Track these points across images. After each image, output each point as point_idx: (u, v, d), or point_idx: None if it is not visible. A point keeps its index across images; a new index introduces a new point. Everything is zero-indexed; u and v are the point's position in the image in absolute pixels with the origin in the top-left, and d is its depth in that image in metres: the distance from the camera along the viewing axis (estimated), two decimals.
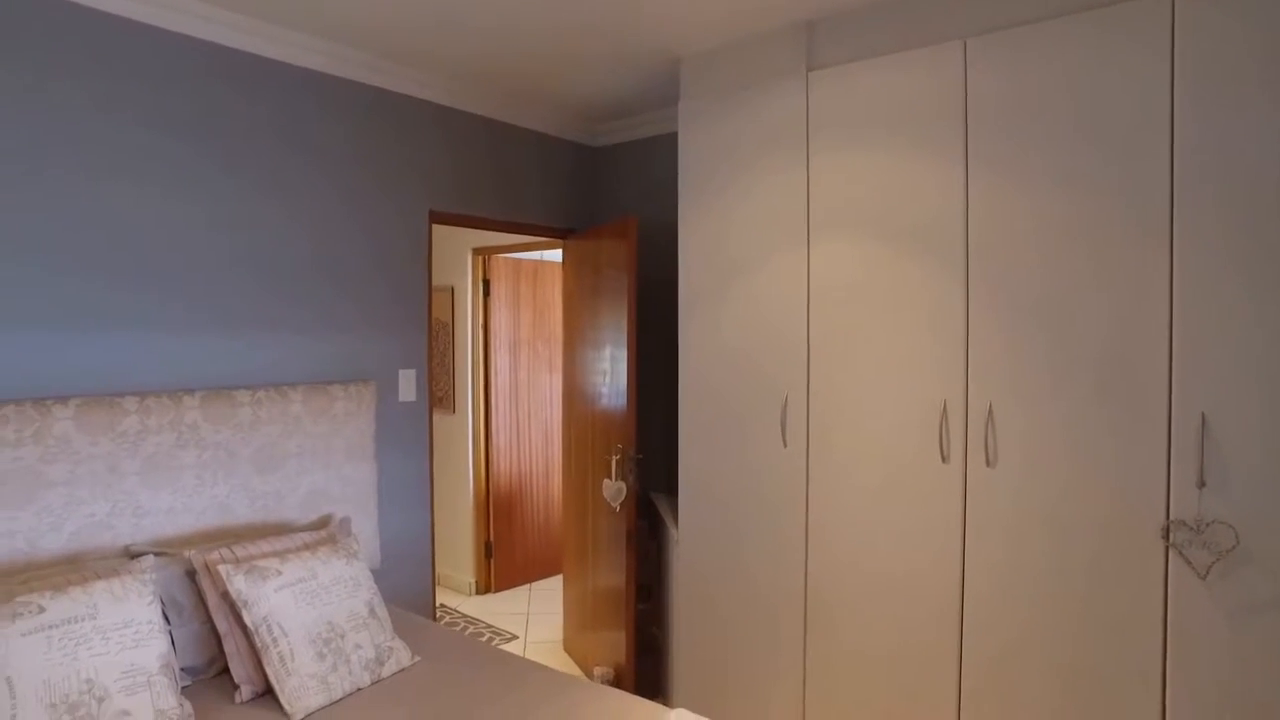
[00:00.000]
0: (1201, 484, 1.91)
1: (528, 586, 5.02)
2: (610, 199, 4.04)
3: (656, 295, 3.67)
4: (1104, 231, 2.05)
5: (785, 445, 2.69)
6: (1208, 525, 1.90)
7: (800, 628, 2.67)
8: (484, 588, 4.87)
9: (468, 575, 4.88)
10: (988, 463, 2.26)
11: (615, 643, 3.40)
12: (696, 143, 2.93)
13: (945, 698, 2.34)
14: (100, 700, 1.70)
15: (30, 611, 1.71)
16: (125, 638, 1.81)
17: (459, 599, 4.79)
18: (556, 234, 3.89)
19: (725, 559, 2.88)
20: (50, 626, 1.71)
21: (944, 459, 2.34)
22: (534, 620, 4.43)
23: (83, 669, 1.71)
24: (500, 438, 4.88)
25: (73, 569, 2.04)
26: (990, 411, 2.25)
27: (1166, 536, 1.96)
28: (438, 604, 4.08)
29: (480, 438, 4.82)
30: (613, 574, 3.42)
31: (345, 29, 2.70)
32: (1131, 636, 2.02)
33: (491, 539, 4.85)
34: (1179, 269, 1.94)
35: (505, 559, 4.91)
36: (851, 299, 2.53)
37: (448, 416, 4.89)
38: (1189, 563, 1.92)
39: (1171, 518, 1.95)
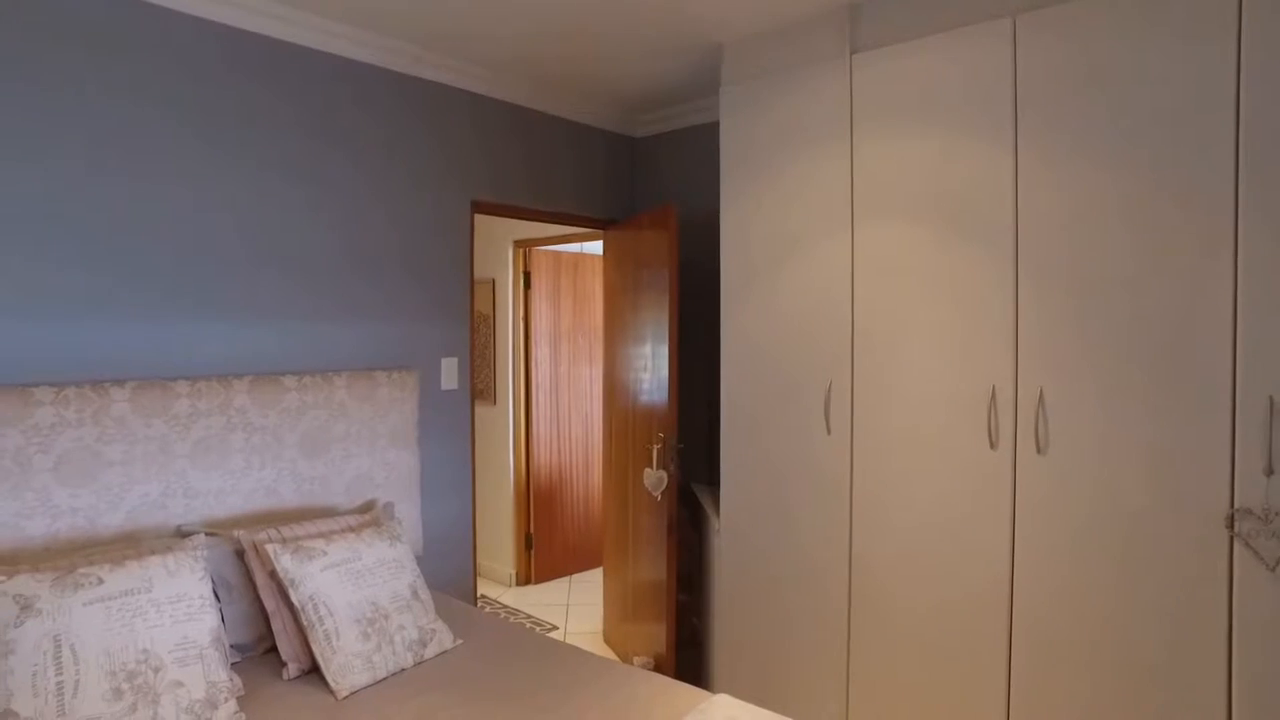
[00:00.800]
0: (1270, 471, 1.84)
1: (567, 579, 5.03)
2: (650, 190, 4.03)
3: (698, 286, 3.66)
4: (1164, 211, 1.99)
5: (829, 433, 2.66)
6: (1277, 514, 1.82)
7: (844, 617, 2.64)
8: (524, 579, 4.90)
9: (508, 566, 4.91)
10: (1038, 449, 2.20)
11: (655, 634, 3.39)
12: (738, 129, 2.91)
13: (994, 690, 2.29)
14: (156, 670, 1.74)
15: (90, 583, 1.76)
16: (178, 611, 1.85)
17: (499, 590, 4.82)
18: (597, 224, 3.89)
19: (767, 548, 2.85)
20: (109, 598, 1.76)
21: (992, 446, 2.29)
22: (573, 611, 4.44)
23: (139, 640, 1.75)
24: (540, 430, 4.90)
25: (129, 546, 2.09)
26: (1041, 397, 2.19)
27: (1231, 526, 1.89)
28: (478, 595, 4.11)
29: (520, 430, 4.85)
30: (653, 564, 3.41)
31: (383, 16, 2.73)
32: (1194, 630, 1.95)
33: (531, 530, 4.87)
34: (1244, 248, 1.87)
35: (545, 551, 4.93)
36: (896, 284, 2.49)
37: (488, 408, 4.93)
38: (1256, 554, 1.85)
39: (1236, 506, 1.88)
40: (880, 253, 2.53)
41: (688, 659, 3.50)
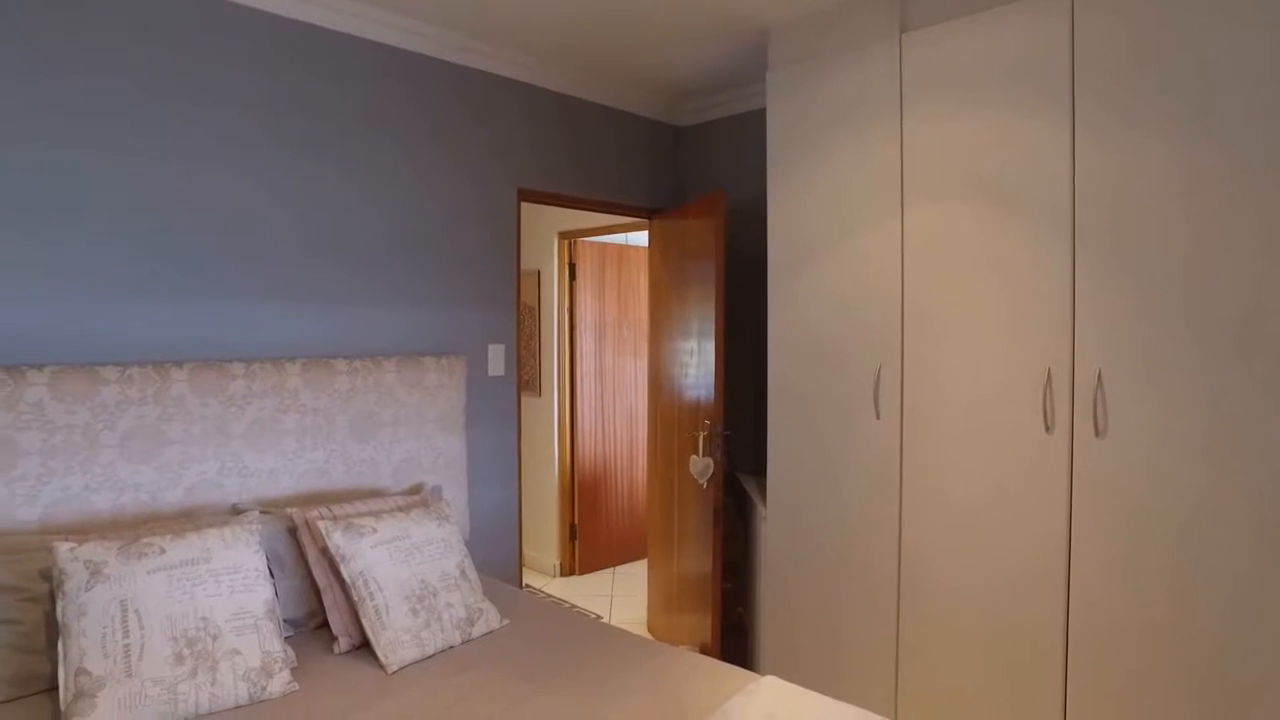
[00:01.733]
0: None
1: (611, 570, 5.04)
2: (696, 179, 4.02)
3: (744, 275, 3.64)
4: (1228, 186, 1.91)
5: (878, 417, 2.62)
6: None
7: (894, 604, 2.59)
8: (568, 570, 4.92)
9: (552, 557, 4.94)
10: (1096, 432, 2.14)
11: (700, 624, 3.38)
12: (785, 113, 2.89)
13: (1050, 677, 2.23)
14: (214, 638, 1.78)
15: (153, 552, 1.82)
16: (235, 582, 1.89)
17: (543, 580, 4.85)
18: (642, 213, 3.89)
19: (815, 535, 2.82)
20: (170, 567, 1.81)
21: (1048, 429, 2.23)
22: (617, 602, 4.45)
23: (199, 607, 1.80)
24: (585, 421, 4.92)
25: (188, 521, 2.15)
26: (1100, 378, 2.13)
27: None
28: (522, 584, 4.13)
29: (565, 421, 4.88)
30: (698, 553, 3.40)
31: (431, 4, 2.76)
32: (1257, 617, 1.87)
33: (576, 521, 4.89)
34: None
35: (589, 542, 4.95)
36: (947, 265, 2.45)
37: (533, 399, 4.96)
38: None
39: None
40: (931, 234, 2.48)
41: (733, 648, 3.48)
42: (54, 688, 1.77)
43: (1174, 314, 2.00)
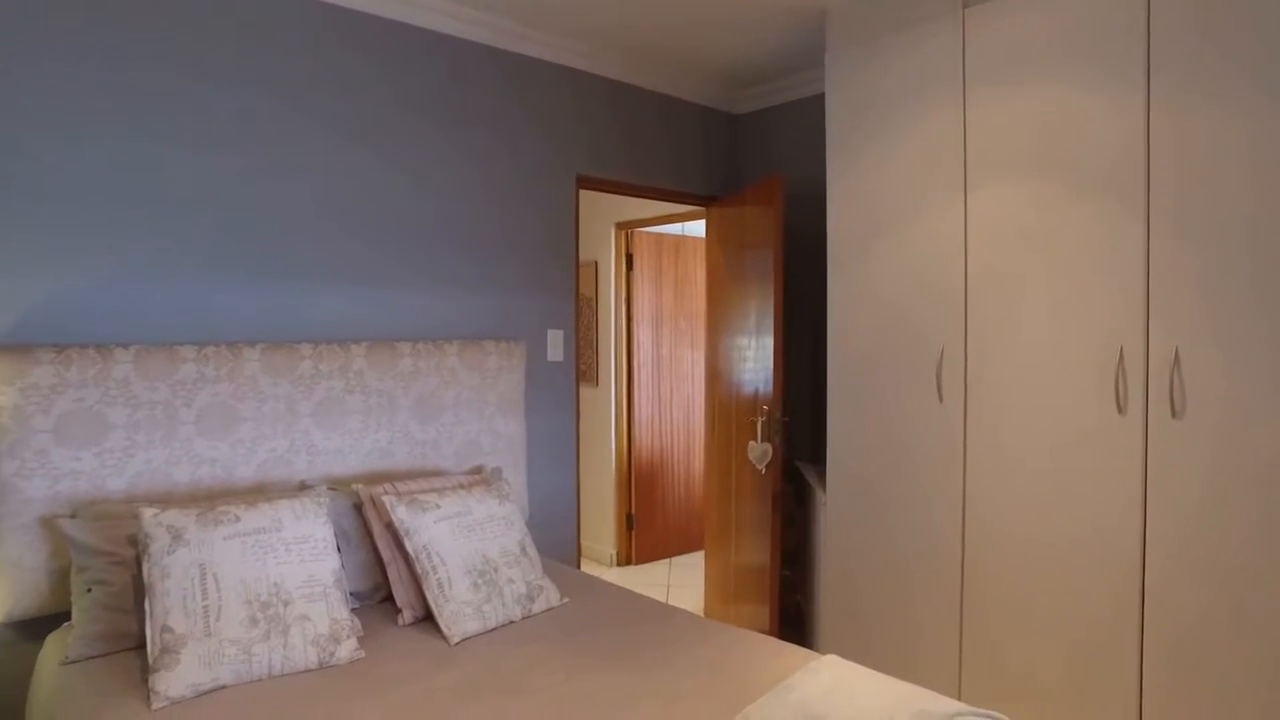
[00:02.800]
0: None
1: (668, 560, 5.05)
2: (753, 166, 4.00)
3: (802, 263, 3.61)
4: None
5: (940, 400, 2.57)
6: None
7: (956, 594, 2.54)
8: (624, 560, 4.94)
9: (609, 547, 4.96)
10: (1173, 414, 2.06)
11: (758, 614, 3.36)
12: (844, 95, 2.85)
13: (1124, 671, 2.15)
14: (286, 604, 1.84)
15: (229, 520, 1.89)
16: (305, 551, 1.95)
17: (599, 569, 4.88)
18: (699, 201, 3.89)
19: (875, 521, 2.78)
20: (244, 534, 1.88)
21: (1120, 410, 2.16)
22: (674, 592, 4.45)
23: (271, 574, 1.86)
24: (642, 412, 4.93)
25: (260, 495, 2.23)
26: (1176, 357, 2.05)
27: None
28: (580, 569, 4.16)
29: (622, 411, 4.90)
30: (757, 541, 3.38)
31: None
32: None
33: (633, 511, 4.91)
34: None
35: (646, 532, 4.96)
36: (1013, 243, 2.38)
37: (591, 389, 5.00)
38: None
39: None
40: (995, 214, 2.42)
41: (791, 637, 3.44)
42: (141, 645, 1.86)
43: (1255, 290, 1.92)
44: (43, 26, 2.10)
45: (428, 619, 2.16)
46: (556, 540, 3.29)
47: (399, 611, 2.17)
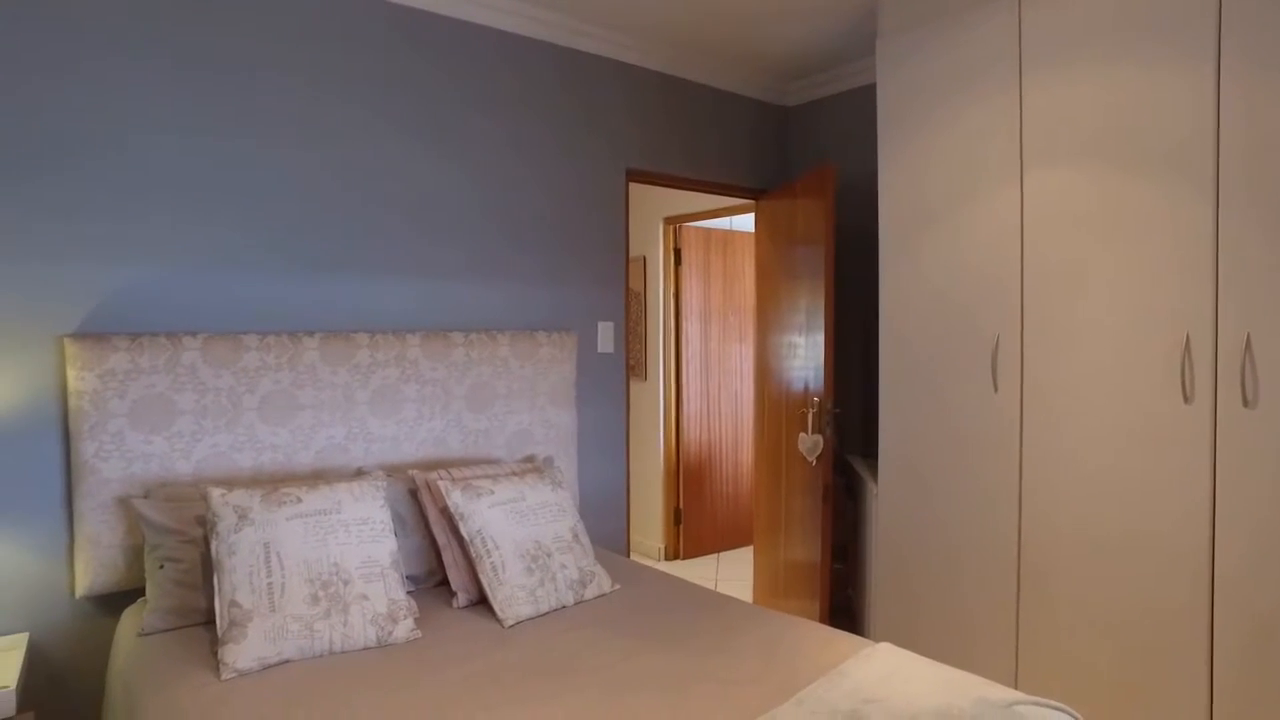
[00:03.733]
0: None
1: (715, 556, 5.04)
2: (802, 159, 3.97)
3: (852, 253, 3.57)
4: None
5: (995, 390, 2.52)
6: None
7: (1013, 588, 2.49)
8: (672, 554, 4.95)
9: (656, 541, 4.97)
10: (1245, 402, 1.99)
11: (808, 608, 3.34)
12: (896, 81, 2.81)
13: (1193, 670, 2.09)
14: (345, 583, 1.89)
15: (291, 501, 1.95)
16: (363, 533, 2.00)
17: (647, 563, 4.89)
18: (750, 194, 3.88)
19: (928, 512, 2.74)
20: (306, 515, 1.94)
21: (1186, 399, 2.09)
22: (722, 586, 4.44)
23: (331, 554, 1.91)
24: (690, 406, 4.93)
25: (320, 480, 2.29)
26: (1248, 343, 1.98)
27: None
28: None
29: (671, 406, 4.90)
30: (806, 535, 3.36)
31: None
32: None
33: (681, 506, 4.91)
34: None
35: (694, 527, 4.96)
36: (1071, 229, 2.33)
37: (639, 384, 5.01)
38: None
39: None
40: (1052, 199, 2.37)
41: (842, 629, 3.41)
42: (210, 620, 1.93)
43: None
44: (123, 25, 2.19)
45: (482, 602, 2.19)
46: (606, 532, 3.31)
47: (454, 595, 2.21)
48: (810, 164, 3.91)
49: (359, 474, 2.48)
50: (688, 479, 4.93)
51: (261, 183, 2.45)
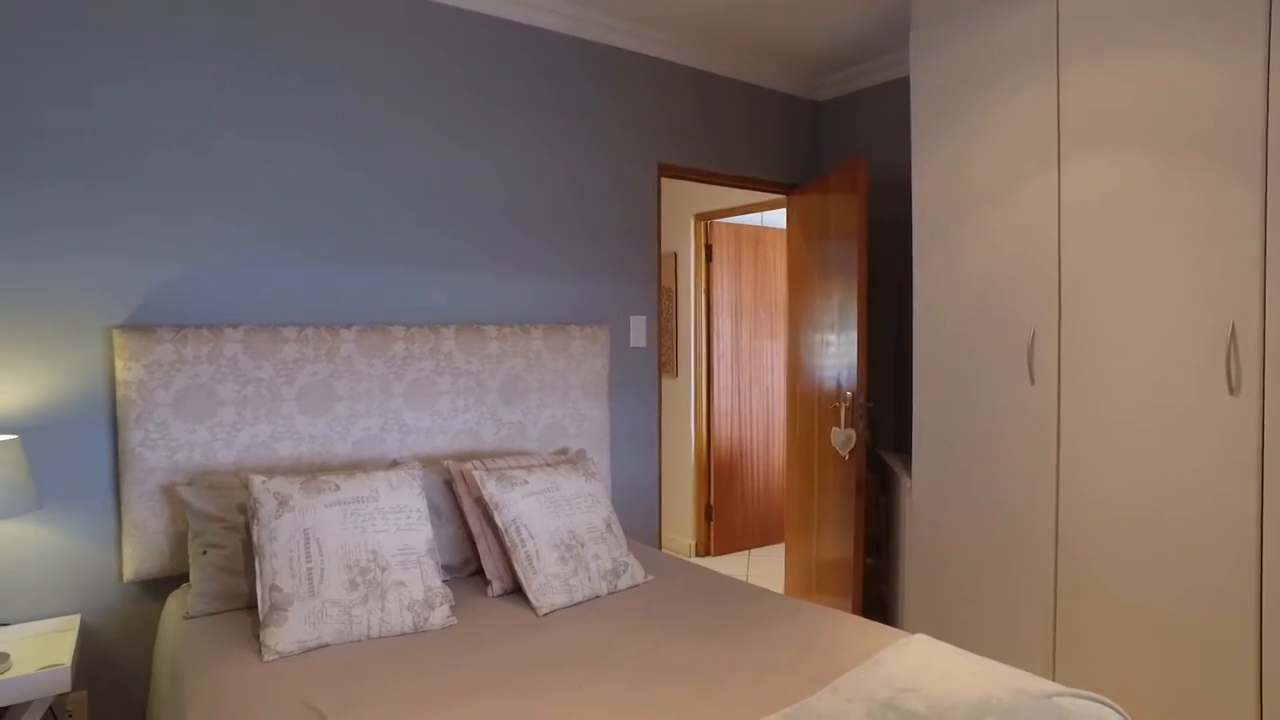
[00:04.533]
0: None
1: (746, 552, 5.02)
2: (834, 153, 3.95)
3: (885, 247, 3.54)
4: None
5: (1032, 382, 2.49)
6: None
7: (1050, 582, 2.45)
8: (703, 550, 4.94)
9: (687, 537, 4.97)
10: None
11: (840, 604, 3.32)
12: (929, 72, 2.79)
13: (1241, 665, 2.04)
14: (383, 569, 1.92)
15: (330, 489, 1.98)
16: (400, 520, 2.03)
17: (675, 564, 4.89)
18: (782, 188, 3.86)
19: (963, 506, 2.71)
20: (344, 503, 1.97)
21: (1232, 390, 2.05)
22: (753, 582, 4.41)
23: (369, 540, 1.94)
24: (721, 403, 4.93)
25: (357, 470, 2.33)
26: None
27: None
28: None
29: (702, 402, 4.90)
30: (839, 529, 3.34)
31: None
32: None
33: (712, 502, 4.91)
34: None
35: (725, 523, 4.95)
36: (1111, 218, 2.29)
37: (670, 380, 5.02)
38: None
39: None
40: (1091, 186, 2.33)
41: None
42: (252, 605, 1.98)
43: None
44: (165, 25, 2.24)
45: (516, 591, 2.21)
46: (638, 526, 3.32)
47: (488, 583, 2.23)
48: (842, 159, 3.88)
49: (394, 465, 2.53)
50: (719, 475, 4.92)
51: (303, 180, 2.50)
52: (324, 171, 2.54)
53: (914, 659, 1.65)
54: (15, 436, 1.89)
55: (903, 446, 3.53)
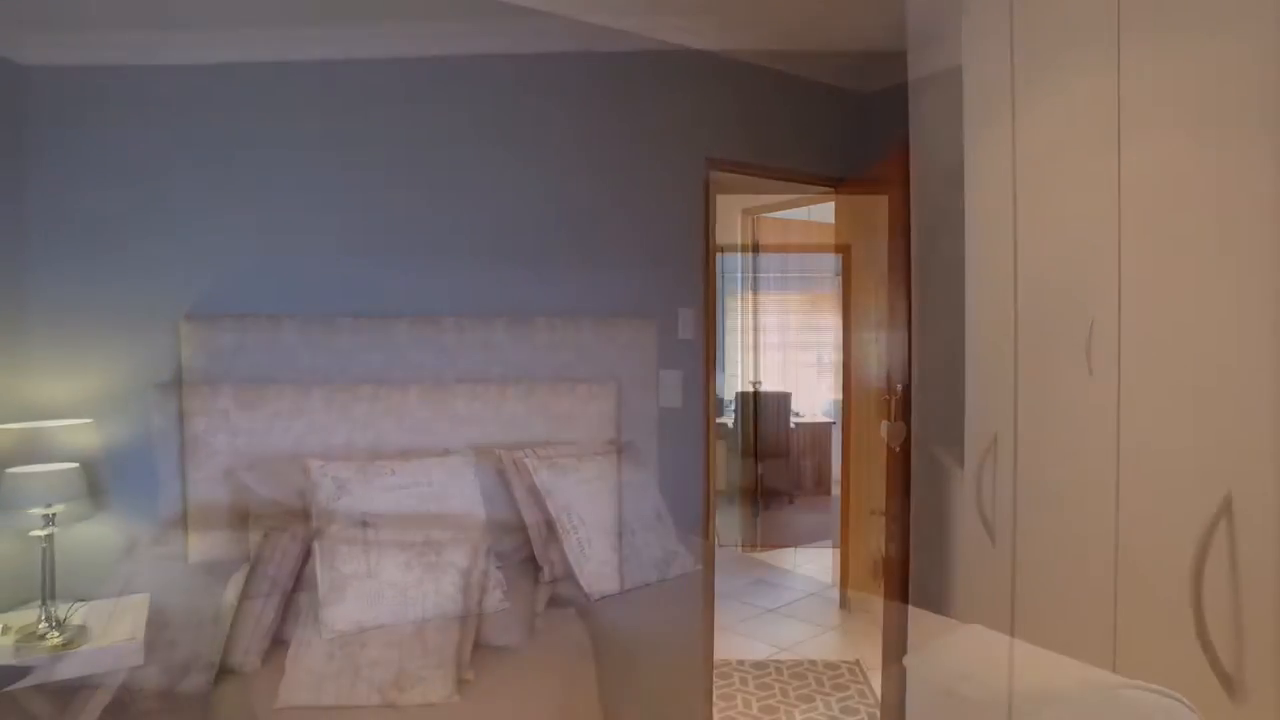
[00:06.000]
0: None
1: (794, 549, 4.99)
2: (883, 146, 3.90)
3: (934, 240, 3.49)
4: None
5: (1090, 373, 2.43)
6: None
7: (1110, 581, 2.39)
8: (750, 546, 4.92)
9: (735, 533, 4.95)
10: None
11: (891, 597, 3.27)
12: (982, 59, 2.74)
13: None
14: (437, 552, 1.96)
15: (385, 473, 2.03)
16: (454, 506, 2.07)
17: (725, 554, 4.88)
18: (831, 182, 3.84)
19: (1016, 499, 2.65)
20: (400, 487, 2.01)
21: None
22: (802, 576, 4.39)
23: (423, 524, 1.98)
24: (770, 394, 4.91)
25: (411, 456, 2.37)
26: None
27: None
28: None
29: (749, 397, 4.88)
30: (889, 524, 3.30)
31: None
32: None
33: (760, 498, 4.89)
34: None
35: (773, 518, 4.92)
36: (1173, 201, 2.22)
37: (719, 374, 5.01)
38: None
39: None
40: (1152, 168, 2.27)
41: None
42: (311, 586, 2.01)
43: None
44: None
45: (568, 577, 2.23)
46: (686, 519, 3.31)
47: (539, 569, 2.25)
48: (890, 151, 3.83)
49: (447, 452, 2.57)
50: (767, 471, 4.90)
51: (362, 181, 2.55)
52: (383, 169, 2.60)
53: (970, 648, 1.63)
54: (90, 420, 1.96)
55: (953, 438, 3.47)
